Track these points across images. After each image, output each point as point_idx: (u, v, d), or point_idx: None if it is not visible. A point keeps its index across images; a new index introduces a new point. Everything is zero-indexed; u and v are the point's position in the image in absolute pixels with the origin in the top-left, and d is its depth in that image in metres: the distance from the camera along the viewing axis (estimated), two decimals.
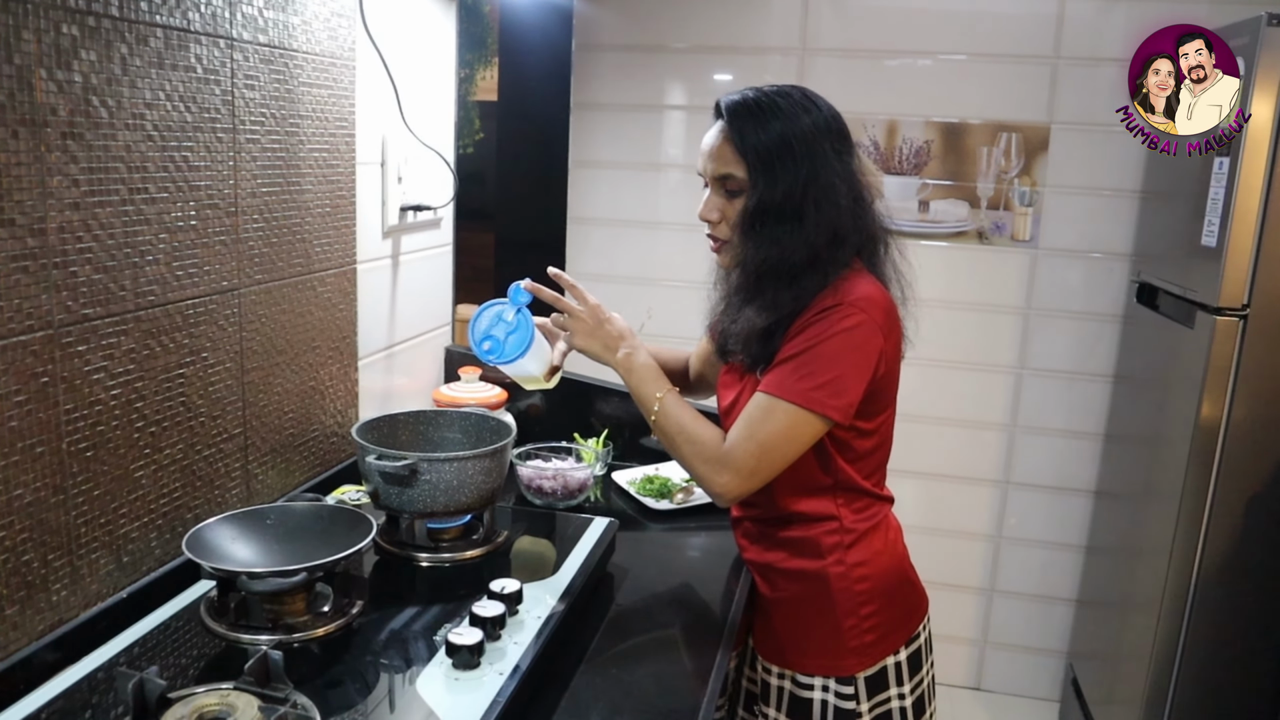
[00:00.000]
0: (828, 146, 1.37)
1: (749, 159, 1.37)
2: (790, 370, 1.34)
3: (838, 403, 1.33)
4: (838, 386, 1.33)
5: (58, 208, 1.10)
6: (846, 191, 1.38)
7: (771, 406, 1.34)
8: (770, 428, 1.34)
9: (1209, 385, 2.19)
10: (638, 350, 1.47)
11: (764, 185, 1.36)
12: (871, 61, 2.86)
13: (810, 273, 1.37)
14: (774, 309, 1.38)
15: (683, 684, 1.24)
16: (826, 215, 1.36)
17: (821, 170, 1.36)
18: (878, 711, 1.46)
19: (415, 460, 1.40)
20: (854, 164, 1.41)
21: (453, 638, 1.13)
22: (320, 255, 1.65)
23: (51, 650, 1.13)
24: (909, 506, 1.54)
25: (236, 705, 0.97)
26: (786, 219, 1.36)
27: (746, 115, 1.38)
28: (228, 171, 1.39)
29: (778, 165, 1.35)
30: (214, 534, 1.28)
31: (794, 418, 1.33)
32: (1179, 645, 2.30)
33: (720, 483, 1.36)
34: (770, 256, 1.37)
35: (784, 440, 1.35)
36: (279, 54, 1.47)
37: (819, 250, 1.36)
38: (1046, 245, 2.87)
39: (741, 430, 1.36)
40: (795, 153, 1.35)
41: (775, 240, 1.37)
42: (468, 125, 2.37)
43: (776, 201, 1.35)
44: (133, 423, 1.25)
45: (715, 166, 1.40)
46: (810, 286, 1.37)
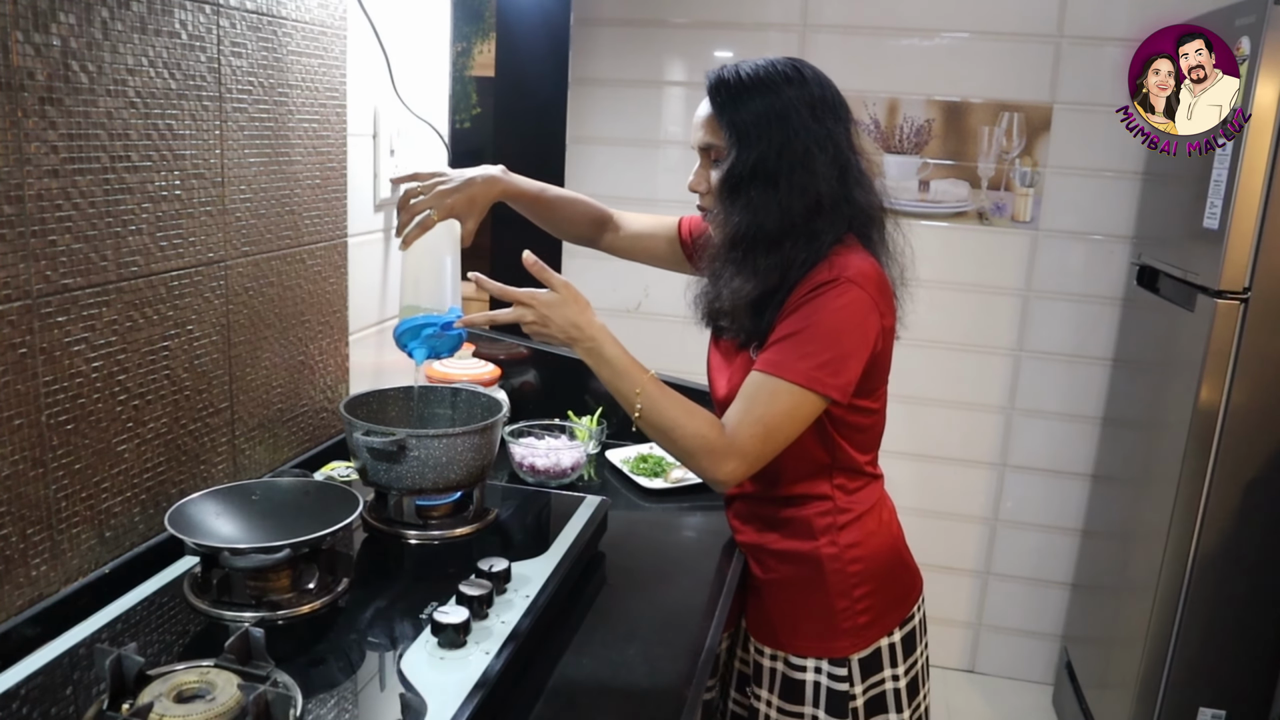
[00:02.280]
0: (808, 114, 1.35)
1: (725, 127, 1.36)
2: (789, 348, 1.32)
3: (837, 382, 1.31)
4: (837, 366, 1.31)
5: (35, 174, 1.07)
6: (827, 160, 1.35)
7: (774, 387, 1.32)
8: (774, 409, 1.31)
9: (1208, 369, 2.18)
10: (602, 344, 1.37)
11: (738, 150, 1.35)
12: (873, 39, 2.83)
13: (791, 240, 1.35)
14: (757, 277, 1.36)
15: (672, 664, 1.23)
16: (801, 181, 1.34)
17: (797, 136, 1.34)
18: (871, 693, 1.45)
19: (404, 436, 1.38)
20: (843, 135, 1.38)
21: (438, 616, 1.11)
22: (310, 228, 1.62)
23: (30, 625, 1.11)
24: (904, 488, 1.53)
25: (216, 683, 0.96)
26: (760, 184, 1.34)
27: (727, 85, 1.37)
28: (214, 141, 1.36)
29: (753, 131, 1.34)
30: (198, 509, 1.26)
31: (796, 398, 1.31)
32: (1174, 630, 2.30)
33: (726, 470, 1.32)
34: (745, 222, 1.36)
35: (787, 421, 1.32)
36: (267, 21, 1.44)
37: (796, 217, 1.34)
38: (1047, 226, 2.85)
39: (743, 413, 1.33)
40: (770, 119, 1.34)
41: (750, 206, 1.35)
42: (465, 100, 2.34)
43: (750, 166, 1.34)
44: (115, 395, 1.23)
45: (700, 136, 1.41)
46: (795, 256, 1.35)
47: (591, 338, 1.36)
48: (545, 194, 1.67)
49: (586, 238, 1.76)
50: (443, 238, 1.50)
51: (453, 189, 1.52)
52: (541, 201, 1.67)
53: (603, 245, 1.77)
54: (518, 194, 1.62)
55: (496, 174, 1.58)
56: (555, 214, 1.70)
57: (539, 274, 1.37)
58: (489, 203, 1.57)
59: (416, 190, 1.52)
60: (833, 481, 1.44)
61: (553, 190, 1.69)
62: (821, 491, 1.44)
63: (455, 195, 1.51)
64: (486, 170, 1.57)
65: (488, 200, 1.56)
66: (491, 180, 1.57)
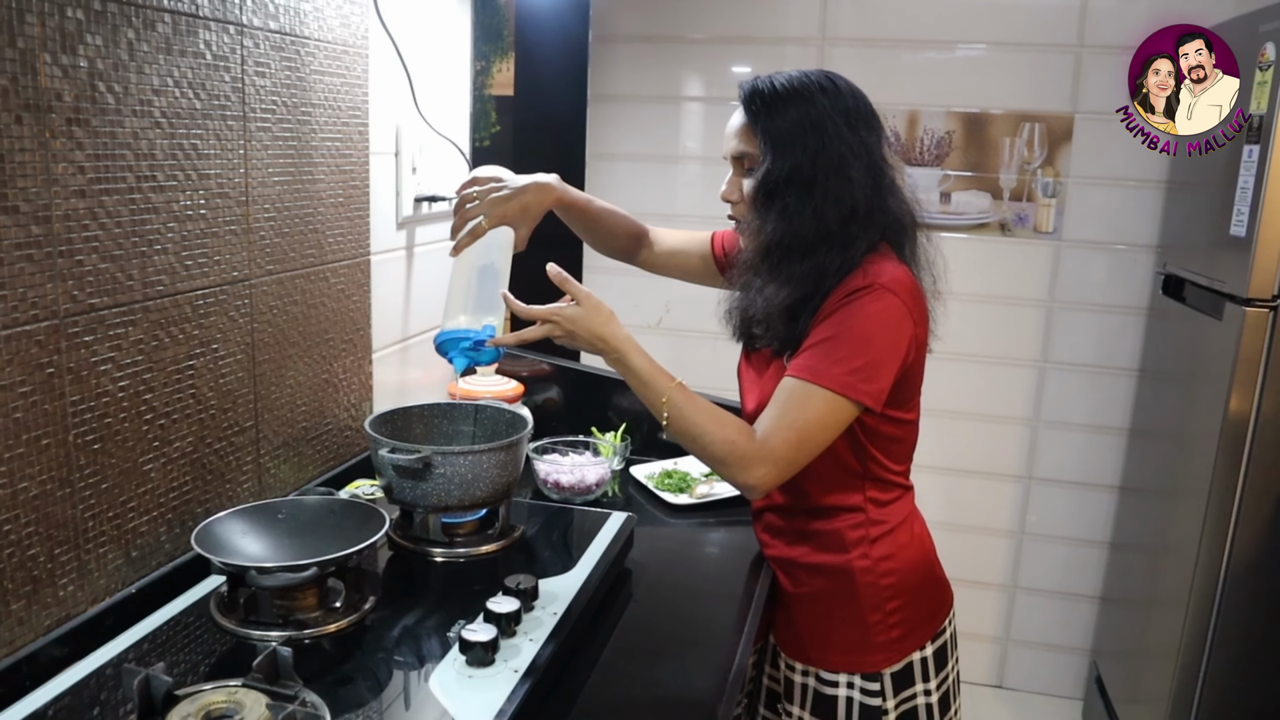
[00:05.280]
0: (842, 123, 1.35)
1: (760, 135, 1.37)
2: (822, 354, 1.31)
3: (870, 389, 1.30)
4: (870, 372, 1.30)
5: (63, 195, 1.08)
6: (862, 168, 1.35)
7: (807, 392, 1.30)
8: (808, 414, 1.30)
9: (1238, 378, 2.14)
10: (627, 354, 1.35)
11: (773, 158, 1.35)
12: (891, 51, 2.82)
13: (826, 248, 1.35)
14: (792, 284, 1.36)
15: (701, 681, 1.21)
16: (836, 188, 1.34)
17: (832, 143, 1.34)
18: (904, 709, 1.43)
19: (429, 453, 1.37)
20: (876, 145, 1.39)
21: (466, 634, 1.10)
22: (333, 246, 1.62)
23: (58, 646, 1.11)
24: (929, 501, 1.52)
25: (244, 703, 0.95)
26: (796, 191, 1.35)
27: (762, 95, 1.38)
28: (238, 160, 1.37)
29: (788, 140, 1.35)
30: (224, 528, 1.26)
31: (830, 404, 1.30)
32: (1206, 643, 2.26)
33: (758, 475, 1.31)
34: (779, 229, 1.36)
35: (820, 427, 1.31)
36: (290, 41, 1.45)
37: (830, 224, 1.34)
38: (1070, 237, 2.82)
39: (776, 418, 1.31)
40: (805, 127, 1.34)
41: (785, 213, 1.35)
42: (484, 118, 2.35)
43: (785, 173, 1.35)
44: (141, 415, 1.23)
45: (733, 146, 1.42)
46: (829, 264, 1.34)
47: (616, 349, 1.35)
48: (592, 205, 1.67)
49: (625, 251, 1.76)
50: (493, 247, 1.49)
51: (506, 196, 1.51)
52: (589, 213, 1.67)
53: (639, 260, 1.77)
54: (569, 203, 1.61)
55: (551, 182, 1.57)
56: (599, 225, 1.70)
57: (563, 285, 1.36)
58: (541, 211, 1.56)
59: (472, 195, 1.51)
60: (865, 493, 1.43)
61: (599, 202, 1.69)
62: (854, 503, 1.43)
63: (508, 203, 1.50)
64: (541, 178, 1.57)
65: (540, 208, 1.56)
66: (545, 188, 1.56)
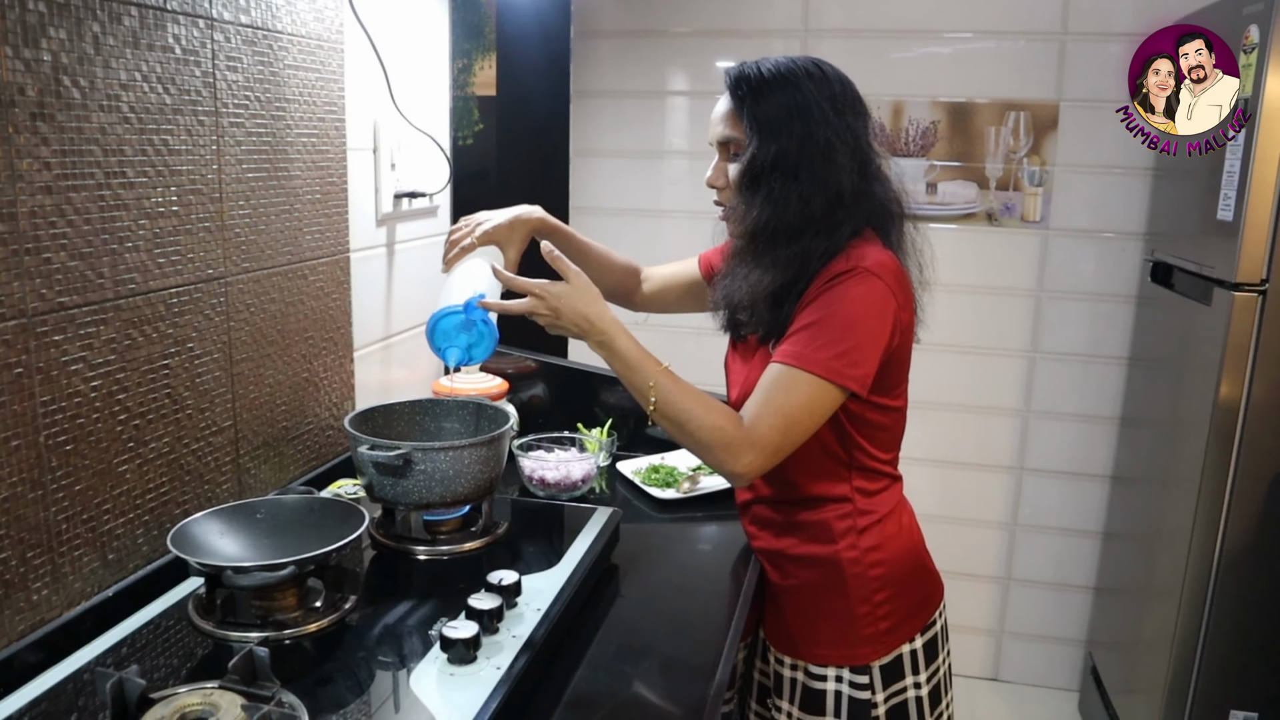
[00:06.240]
0: (829, 108, 1.34)
1: (746, 120, 1.36)
2: (807, 339, 1.30)
3: (856, 373, 1.29)
4: (856, 356, 1.29)
5: (28, 191, 1.06)
6: (848, 153, 1.35)
7: (793, 378, 1.29)
8: (794, 400, 1.29)
9: (1228, 364, 2.14)
10: (614, 337, 1.35)
11: (759, 143, 1.35)
12: (875, 41, 2.81)
13: (811, 233, 1.34)
14: (778, 269, 1.35)
15: (689, 676, 1.20)
16: (822, 173, 1.33)
17: (818, 128, 1.33)
18: (893, 702, 1.42)
19: (409, 450, 1.35)
20: (862, 131, 1.38)
21: (448, 631, 1.09)
22: (311, 243, 1.61)
23: (33, 651, 1.09)
24: (921, 494, 1.50)
25: (219, 705, 0.93)
26: (781, 176, 1.34)
27: (749, 80, 1.37)
28: (210, 156, 1.34)
29: (774, 124, 1.34)
30: (201, 529, 1.24)
31: (816, 388, 1.29)
32: (1201, 632, 2.25)
33: (745, 461, 1.29)
34: (765, 214, 1.35)
35: (806, 413, 1.30)
36: (262, 35, 1.43)
37: (816, 209, 1.34)
38: (1057, 225, 2.82)
39: (762, 405, 1.30)
40: (792, 112, 1.34)
41: (770, 198, 1.34)
42: (467, 116, 2.33)
43: (771, 158, 1.34)
44: (115, 415, 1.21)
45: (719, 131, 1.41)
46: (814, 248, 1.34)
47: (603, 331, 1.34)
48: (578, 236, 1.68)
49: (621, 286, 1.74)
50: (481, 264, 1.50)
51: (492, 221, 1.55)
52: (575, 241, 1.67)
53: (636, 301, 1.77)
54: (554, 228, 1.62)
55: (536, 208, 1.60)
56: (588, 257, 1.68)
57: (554, 263, 1.36)
58: (528, 230, 1.58)
59: (460, 228, 1.55)
60: (852, 483, 1.41)
61: (587, 238, 1.70)
62: (840, 493, 1.41)
63: (494, 224, 1.54)
64: (528, 206, 1.59)
65: (526, 228, 1.57)
66: (530, 210, 1.58)
